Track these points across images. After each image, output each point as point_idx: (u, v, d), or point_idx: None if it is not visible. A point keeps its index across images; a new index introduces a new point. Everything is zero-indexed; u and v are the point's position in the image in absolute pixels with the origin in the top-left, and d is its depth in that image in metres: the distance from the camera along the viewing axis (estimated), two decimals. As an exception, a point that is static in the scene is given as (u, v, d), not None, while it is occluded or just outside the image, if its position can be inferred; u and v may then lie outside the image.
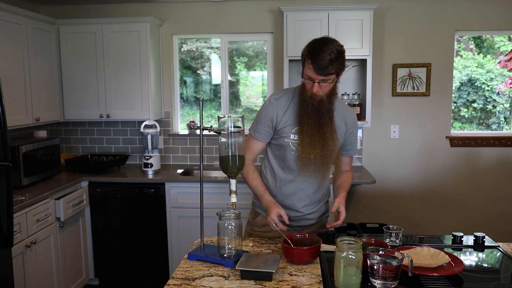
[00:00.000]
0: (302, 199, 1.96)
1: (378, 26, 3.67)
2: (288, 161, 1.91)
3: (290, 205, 1.95)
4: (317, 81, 1.75)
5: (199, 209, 2.60)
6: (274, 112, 1.90)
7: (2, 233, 2.20)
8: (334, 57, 1.71)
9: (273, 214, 1.79)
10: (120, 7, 3.85)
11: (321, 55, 1.71)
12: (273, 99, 1.93)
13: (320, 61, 1.70)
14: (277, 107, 1.90)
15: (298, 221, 2.00)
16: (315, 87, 1.76)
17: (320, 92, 1.78)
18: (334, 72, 1.75)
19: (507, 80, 3.90)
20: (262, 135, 1.94)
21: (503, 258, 1.67)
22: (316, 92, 1.78)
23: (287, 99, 1.92)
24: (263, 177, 2.03)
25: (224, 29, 3.82)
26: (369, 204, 3.87)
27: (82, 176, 3.44)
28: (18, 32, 3.08)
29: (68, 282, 3.15)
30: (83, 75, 3.64)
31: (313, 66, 1.72)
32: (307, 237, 1.68)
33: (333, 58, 1.71)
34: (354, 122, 2.00)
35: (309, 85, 1.79)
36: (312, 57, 1.72)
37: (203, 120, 2.01)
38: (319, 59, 1.70)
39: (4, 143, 2.20)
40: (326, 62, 1.70)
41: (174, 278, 1.50)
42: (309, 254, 1.57)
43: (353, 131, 2.00)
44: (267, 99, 1.96)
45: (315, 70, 1.72)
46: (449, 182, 3.81)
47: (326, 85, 1.78)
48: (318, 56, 1.71)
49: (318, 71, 1.72)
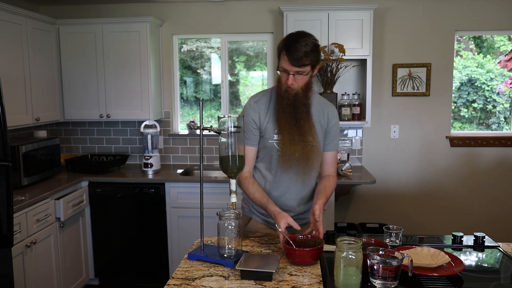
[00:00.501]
0: (293, 198, 1.94)
1: (378, 26, 3.67)
2: (274, 162, 1.89)
3: (282, 206, 1.91)
4: (292, 73, 1.76)
5: (199, 209, 2.60)
6: (256, 115, 1.89)
7: (2, 233, 2.20)
8: (309, 49, 1.74)
9: (282, 224, 1.72)
10: (120, 7, 3.85)
11: (296, 46, 1.73)
12: (252, 102, 1.92)
13: (295, 52, 1.73)
14: (258, 109, 1.89)
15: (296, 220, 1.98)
16: (290, 79, 1.77)
17: (295, 85, 1.79)
18: (309, 63, 1.76)
19: (507, 80, 3.90)
20: (251, 140, 1.91)
21: (503, 258, 1.67)
22: (291, 85, 1.79)
23: (266, 100, 1.91)
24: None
25: (224, 29, 3.82)
26: (369, 204, 3.88)
27: (82, 176, 3.44)
28: (18, 32, 3.08)
29: (68, 282, 3.15)
30: (83, 75, 3.64)
31: (288, 57, 1.74)
32: (309, 238, 1.65)
33: (308, 50, 1.73)
34: (334, 117, 1.97)
35: (284, 78, 1.80)
36: (287, 48, 1.75)
37: (203, 120, 2.01)
38: (294, 50, 1.73)
39: (4, 143, 2.20)
40: (301, 53, 1.72)
41: (174, 278, 1.50)
42: (311, 256, 1.55)
43: (334, 126, 1.96)
44: (246, 102, 1.95)
45: (290, 61, 1.74)
46: (449, 182, 3.81)
47: (301, 78, 1.78)
48: (293, 47, 1.73)
49: (292, 62, 1.74)
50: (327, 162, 2.00)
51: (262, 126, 1.89)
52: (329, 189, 1.92)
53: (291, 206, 1.95)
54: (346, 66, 3.53)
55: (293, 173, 1.90)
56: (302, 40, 1.74)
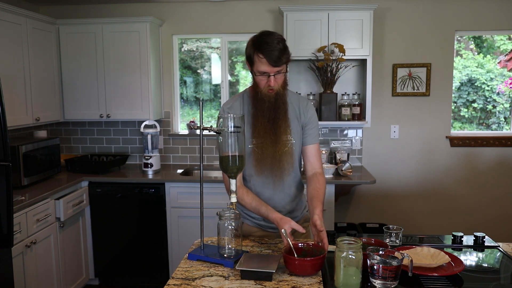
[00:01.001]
0: (281, 198, 1.92)
1: (378, 26, 3.67)
2: (253, 165, 1.87)
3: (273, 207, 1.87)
4: (273, 74, 1.74)
5: (199, 209, 2.60)
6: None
7: (2, 233, 2.20)
8: (282, 46, 1.73)
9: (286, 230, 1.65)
10: (120, 7, 3.85)
11: (270, 46, 1.70)
12: (226, 108, 1.89)
13: (272, 52, 1.70)
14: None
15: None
16: (271, 80, 1.74)
17: (276, 85, 1.77)
18: (285, 61, 1.75)
19: (507, 80, 3.90)
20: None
21: (503, 258, 1.67)
22: (273, 87, 1.76)
23: (240, 105, 1.89)
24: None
25: (224, 29, 3.82)
26: (369, 204, 3.88)
27: (82, 176, 3.44)
28: (18, 32, 3.08)
29: (68, 282, 3.15)
30: (83, 75, 3.64)
31: (267, 59, 1.71)
32: (310, 245, 1.59)
33: (281, 48, 1.72)
34: (310, 108, 1.93)
35: (264, 81, 1.77)
36: (262, 50, 1.71)
37: (203, 120, 2.01)
38: (270, 50, 1.70)
39: (4, 143, 2.20)
40: (277, 52, 1.70)
41: (174, 278, 1.50)
42: (312, 266, 1.46)
43: (311, 118, 1.92)
44: (220, 109, 1.92)
45: (269, 63, 1.71)
46: (449, 182, 3.81)
47: (280, 77, 1.77)
48: (268, 48, 1.70)
49: (272, 63, 1.71)
50: (309, 156, 1.93)
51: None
52: (321, 191, 1.84)
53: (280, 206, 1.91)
54: (346, 66, 3.53)
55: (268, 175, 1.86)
56: (271, 39, 1.73)
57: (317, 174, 1.91)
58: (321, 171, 1.93)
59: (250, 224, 1.99)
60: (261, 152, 1.82)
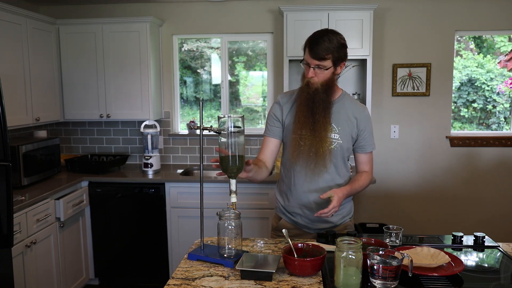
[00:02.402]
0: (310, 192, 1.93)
1: (378, 26, 3.67)
2: (295, 156, 1.92)
3: (304, 200, 1.94)
4: (313, 66, 1.81)
5: (199, 209, 2.60)
6: (278, 108, 1.97)
7: (2, 233, 2.20)
8: (332, 45, 1.78)
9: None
10: (120, 7, 3.85)
11: (318, 40, 1.79)
12: (279, 97, 2.02)
13: (316, 46, 1.78)
14: (281, 104, 1.97)
15: (318, 222, 1.97)
16: (310, 72, 1.82)
17: (315, 79, 1.83)
18: (330, 58, 1.79)
19: (507, 80, 3.90)
20: (270, 132, 1.98)
21: (503, 258, 1.67)
22: (311, 79, 1.83)
23: (292, 96, 1.98)
24: (281, 179, 2.05)
25: (224, 29, 3.82)
26: (369, 204, 3.88)
27: (82, 176, 3.44)
28: (18, 32, 3.08)
29: (68, 282, 3.15)
30: (83, 75, 3.64)
31: (309, 50, 1.80)
32: (310, 246, 1.59)
33: (330, 46, 1.78)
34: (365, 118, 1.96)
35: (306, 71, 1.86)
36: (310, 42, 1.81)
37: (203, 120, 2.01)
38: (315, 43, 1.79)
39: (4, 143, 2.20)
40: (321, 47, 1.77)
41: (174, 278, 1.50)
42: (312, 266, 1.46)
43: (365, 127, 1.96)
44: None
45: (310, 54, 1.80)
46: (449, 182, 3.81)
47: (321, 73, 1.82)
48: (316, 41, 1.79)
49: (313, 55, 1.79)
50: (360, 162, 2.03)
51: (285, 120, 1.95)
52: (357, 182, 1.95)
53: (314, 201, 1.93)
54: (346, 66, 3.53)
55: (303, 167, 1.91)
56: (327, 36, 1.80)
57: (363, 172, 2.03)
58: (368, 172, 2.04)
59: (287, 221, 2.03)
60: (298, 142, 1.88)
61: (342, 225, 2.05)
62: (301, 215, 1.98)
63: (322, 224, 1.98)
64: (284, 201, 2.02)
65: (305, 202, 1.95)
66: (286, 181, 2.00)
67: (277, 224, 2.07)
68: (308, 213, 1.96)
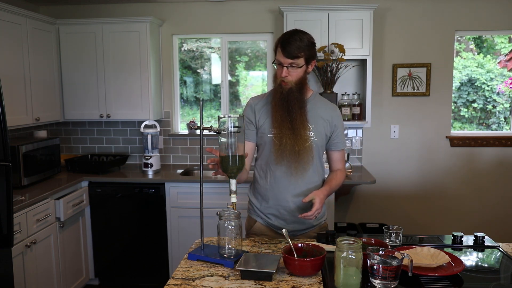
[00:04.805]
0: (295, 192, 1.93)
1: (378, 26, 3.67)
2: (272, 156, 1.93)
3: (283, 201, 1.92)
4: (286, 65, 1.83)
5: (199, 209, 2.60)
6: (251, 110, 1.98)
7: (2, 233, 2.20)
8: (303, 43, 1.83)
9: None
10: (120, 7, 3.85)
11: (290, 39, 1.83)
12: (250, 100, 2.03)
13: (289, 45, 1.82)
14: (254, 105, 1.98)
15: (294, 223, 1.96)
16: (283, 71, 1.84)
17: (289, 78, 1.85)
18: (302, 56, 1.83)
19: (507, 80, 3.90)
20: (247, 135, 1.96)
21: (503, 258, 1.67)
22: (284, 78, 1.85)
23: (264, 97, 2.00)
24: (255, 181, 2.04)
25: (224, 29, 3.82)
26: (369, 204, 3.87)
27: (82, 176, 3.44)
28: (18, 32, 3.08)
29: (68, 282, 3.15)
30: (83, 75, 3.64)
31: (282, 49, 1.83)
32: (310, 246, 1.59)
33: (301, 44, 1.82)
34: (337, 116, 2.00)
35: (279, 71, 1.87)
36: (282, 42, 1.84)
37: (203, 120, 2.01)
38: (287, 43, 1.82)
39: (4, 143, 2.20)
40: (294, 45, 1.81)
41: (174, 278, 1.50)
42: (312, 266, 1.46)
43: (337, 125, 1.98)
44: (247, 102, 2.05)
45: (283, 54, 1.83)
46: (449, 182, 3.81)
47: (294, 71, 1.85)
48: (287, 41, 1.83)
49: (286, 54, 1.82)
50: (334, 160, 2.04)
51: (258, 122, 1.96)
52: (334, 181, 1.96)
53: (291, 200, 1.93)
54: (346, 66, 3.53)
55: (285, 166, 1.92)
56: (297, 35, 1.84)
57: (337, 170, 2.04)
58: (342, 169, 2.06)
59: (262, 223, 2.01)
60: (279, 142, 1.88)
61: (317, 227, 2.04)
62: (278, 216, 1.96)
63: (298, 225, 1.98)
64: (261, 203, 2.00)
65: (283, 203, 1.94)
66: (262, 183, 1.97)
67: (251, 228, 2.04)
68: (285, 214, 1.95)
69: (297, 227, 1.98)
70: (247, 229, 2.08)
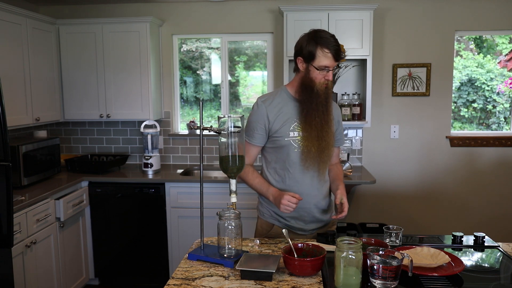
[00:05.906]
0: (314, 195, 1.93)
1: (378, 26, 3.67)
2: (291, 160, 1.88)
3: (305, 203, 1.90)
4: (331, 69, 1.81)
5: (199, 209, 2.60)
6: (264, 114, 1.88)
7: (2, 233, 2.20)
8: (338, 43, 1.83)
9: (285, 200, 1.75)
10: (120, 7, 3.85)
11: (333, 42, 1.79)
12: (260, 101, 1.91)
13: (336, 47, 1.78)
14: (266, 110, 1.88)
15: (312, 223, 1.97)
16: (330, 75, 1.82)
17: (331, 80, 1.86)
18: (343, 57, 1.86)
19: (507, 80, 3.90)
20: (256, 140, 1.91)
21: (503, 258, 1.67)
22: (329, 82, 1.84)
23: (276, 100, 1.91)
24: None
25: (224, 29, 3.82)
26: (369, 204, 3.87)
27: (82, 176, 3.44)
28: (18, 32, 3.08)
29: (68, 282, 3.15)
30: (83, 75, 3.64)
31: (332, 53, 1.78)
32: (310, 246, 1.59)
33: (339, 44, 1.82)
34: (339, 113, 2.07)
35: (320, 76, 1.81)
36: (327, 45, 1.77)
37: (203, 120, 2.01)
38: (334, 46, 1.78)
39: (4, 143, 2.20)
40: (338, 48, 1.80)
41: (174, 278, 1.50)
42: (312, 266, 1.46)
43: (339, 122, 2.04)
44: (254, 103, 1.94)
45: (334, 57, 1.79)
46: (449, 182, 3.81)
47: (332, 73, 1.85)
48: (332, 43, 1.78)
49: (337, 57, 1.79)
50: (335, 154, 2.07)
51: (272, 126, 1.88)
52: (341, 175, 2.05)
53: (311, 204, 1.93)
54: (346, 66, 3.53)
55: (310, 170, 1.90)
56: (330, 36, 1.81)
57: (336, 163, 2.10)
58: (338, 161, 2.14)
59: (279, 225, 1.99)
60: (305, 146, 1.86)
61: (330, 223, 2.07)
62: (297, 218, 1.95)
63: (316, 224, 1.99)
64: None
65: (305, 205, 1.91)
66: (279, 187, 1.92)
67: (268, 232, 2.01)
68: (305, 215, 1.94)
69: (314, 226, 1.99)
70: (262, 234, 2.03)
